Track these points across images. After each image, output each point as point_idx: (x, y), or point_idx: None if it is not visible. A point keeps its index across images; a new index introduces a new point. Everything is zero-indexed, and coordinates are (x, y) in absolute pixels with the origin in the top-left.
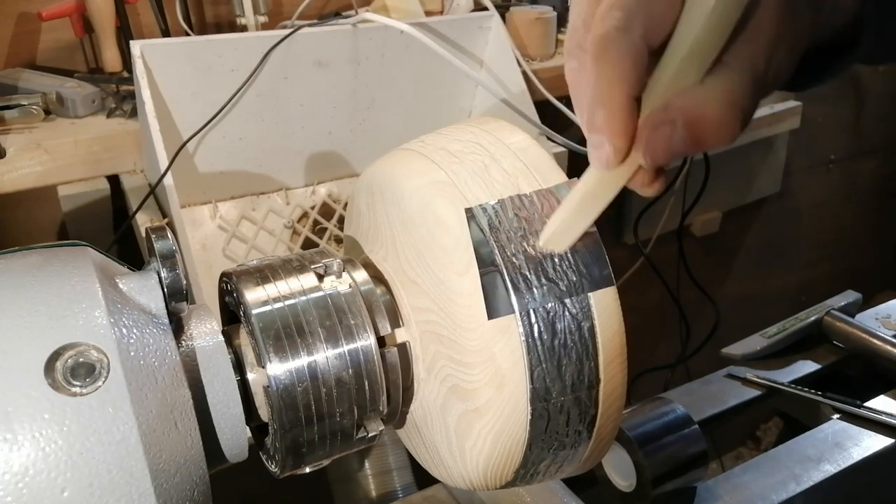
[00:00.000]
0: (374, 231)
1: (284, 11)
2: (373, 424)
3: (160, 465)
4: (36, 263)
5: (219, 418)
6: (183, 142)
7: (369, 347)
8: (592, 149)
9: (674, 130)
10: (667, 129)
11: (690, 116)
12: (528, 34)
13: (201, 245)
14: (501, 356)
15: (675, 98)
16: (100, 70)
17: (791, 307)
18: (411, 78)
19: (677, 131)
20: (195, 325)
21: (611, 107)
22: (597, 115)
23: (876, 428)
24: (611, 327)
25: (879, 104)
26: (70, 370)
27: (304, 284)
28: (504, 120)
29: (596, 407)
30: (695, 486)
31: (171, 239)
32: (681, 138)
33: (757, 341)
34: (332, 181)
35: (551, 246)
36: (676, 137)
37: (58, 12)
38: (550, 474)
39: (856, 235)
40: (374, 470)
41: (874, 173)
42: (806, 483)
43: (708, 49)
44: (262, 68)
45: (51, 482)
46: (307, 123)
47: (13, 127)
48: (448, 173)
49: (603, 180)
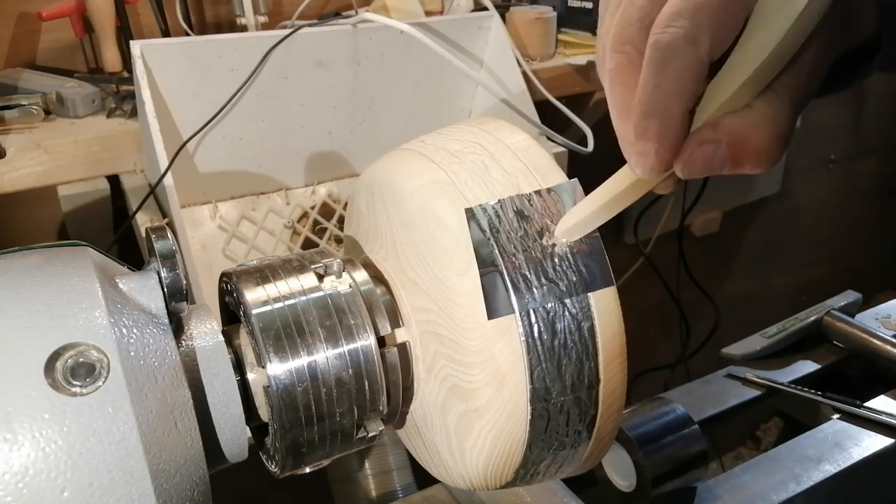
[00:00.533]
0: (374, 231)
1: (284, 11)
2: (373, 424)
3: (160, 465)
4: (36, 263)
5: (219, 418)
6: (183, 142)
7: (369, 347)
8: (637, 155)
9: (717, 150)
10: (711, 147)
11: (736, 139)
12: (528, 34)
13: (201, 245)
14: (501, 356)
15: (725, 118)
16: (100, 70)
17: (791, 307)
18: (411, 78)
19: (720, 151)
20: (195, 325)
21: (666, 119)
22: (651, 123)
23: (876, 428)
24: (611, 327)
25: (879, 104)
26: (70, 370)
27: (304, 284)
28: (504, 120)
29: (596, 407)
30: (695, 486)
31: (171, 239)
32: (722, 158)
33: (757, 341)
34: (332, 181)
35: (565, 237)
36: (718, 157)
37: (58, 12)
38: (550, 474)
39: (856, 235)
40: (374, 470)
41: (874, 173)
42: (806, 483)
43: (769, 75)
44: (262, 68)
45: (51, 482)
46: (307, 123)
47: (13, 127)
48: (448, 173)
49: (636, 183)
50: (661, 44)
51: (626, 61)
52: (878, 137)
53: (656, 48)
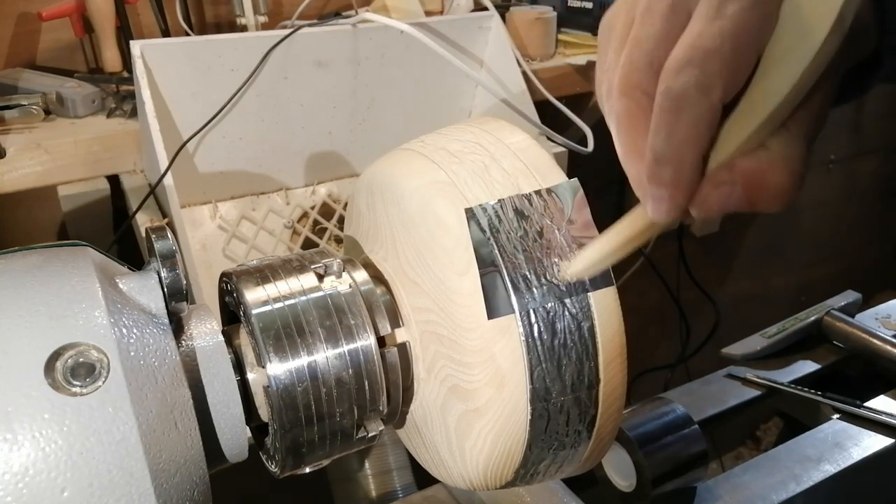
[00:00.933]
0: (374, 231)
1: (284, 11)
2: (373, 424)
3: (160, 465)
4: (36, 263)
5: (219, 418)
6: (183, 142)
7: (369, 347)
8: (652, 201)
9: (733, 191)
10: (727, 189)
11: (753, 180)
12: (528, 34)
13: (201, 245)
14: (501, 356)
15: (741, 160)
16: (100, 70)
17: (791, 307)
18: (411, 78)
19: (736, 192)
20: (195, 325)
21: (680, 166)
22: (664, 171)
23: (876, 428)
24: (611, 327)
25: (879, 104)
26: (70, 370)
27: (304, 284)
28: (504, 120)
29: (596, 407)
30: (695, 486)
31: (171, 239)
32: (738, 199)
33: (757, 341)
34: (332, 181)
35: (576, 275)
36: (735, 198)
37: (58, 12)
38: (550, 474)
39: (856, 235)
40: (374, 470)
41: (874, 173)
42: (806, 483)
43: (784, 115)
44: (262, 68)
45: (51, 482)
46: (307, 123)
47: (13, 127)
48: (448, 173)
49: (650, 224)
50: (672, 93)
51: (636, 106)
52: (878, 137)
53: (667, 97)
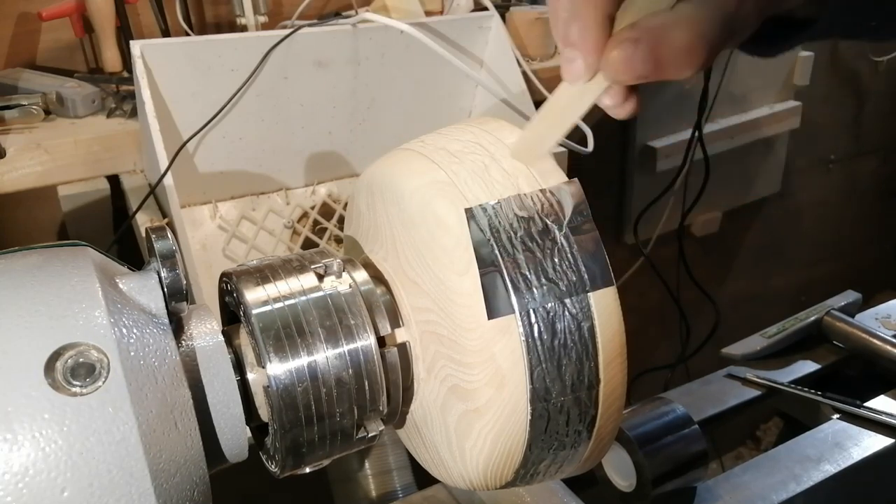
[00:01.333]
0: (374, 231)
1: (284, 11)
2: (373, 424)
3: (160, 465)
4: (36, 263)
5: (219, 418)
6: (183, 142)
7: (369, 347)
8: (565, 63)
9: (636, 49)
10: (629, 46)
11: (655, 38)
12: (528, 34)
13: (201, 245)
14: (501, 356)
15: (645, 18)
16: (100, 70)
17: (791, 307)
18: (411, 78)
19: (640, 50)
20: (195, 325)
21: (585, 23)
22: (571, 30)
23: (876, 428)
24: (611, 327)
25: (879, 104)
26: (70, 370)
27: (304, 284)
28: (504, 120)
29: (596, 407)
30: (695, 486)
31: (171, 239)
32: (642, 58)
33: (757, 341)
34: (332, 181)
35: (519, 158)
36: (639, 57)
37: (58, 12)
38: (550, 474)
39: (856, 235)
40: (374, 470)
41: (874, 173)
42: (806, 483)
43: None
44: (262, 68)
45: (51, 482)
46: (307, 123)
47: (13, 127)
48: (448, 173)
49: (575, 95)
50: None
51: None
52: (878, 137)
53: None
